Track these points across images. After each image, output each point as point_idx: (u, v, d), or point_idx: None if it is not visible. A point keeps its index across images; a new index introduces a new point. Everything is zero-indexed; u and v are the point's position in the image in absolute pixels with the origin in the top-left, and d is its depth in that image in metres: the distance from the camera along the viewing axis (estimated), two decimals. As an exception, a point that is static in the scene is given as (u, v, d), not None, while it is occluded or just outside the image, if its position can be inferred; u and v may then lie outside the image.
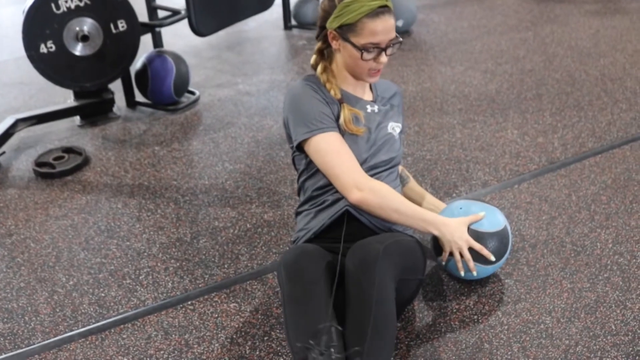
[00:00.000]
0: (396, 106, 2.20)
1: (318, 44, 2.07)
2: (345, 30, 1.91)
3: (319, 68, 2.06)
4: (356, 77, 2.04)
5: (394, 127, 2.13)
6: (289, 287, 1.77)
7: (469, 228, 2.03)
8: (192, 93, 3.83)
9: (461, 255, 2.01)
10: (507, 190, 2.77)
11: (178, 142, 3.35)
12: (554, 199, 2.69)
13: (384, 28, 1.88)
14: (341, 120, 1.97)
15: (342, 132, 1.98)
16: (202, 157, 3.19)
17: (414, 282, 1.97)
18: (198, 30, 3.75)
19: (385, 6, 1.87)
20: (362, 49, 1.90)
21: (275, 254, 2.45)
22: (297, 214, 2.17)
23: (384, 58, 1.94)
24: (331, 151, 1.93)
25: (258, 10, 4.27)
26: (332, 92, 2.00)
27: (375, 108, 2.09)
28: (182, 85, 3.69)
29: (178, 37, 4.34)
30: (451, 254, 2.03)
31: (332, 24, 1.93)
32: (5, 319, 2.21)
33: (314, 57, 2.10)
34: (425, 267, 2.04)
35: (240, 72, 4.25)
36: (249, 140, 3.32)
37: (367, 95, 2.13)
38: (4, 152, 3.26)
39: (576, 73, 3.91)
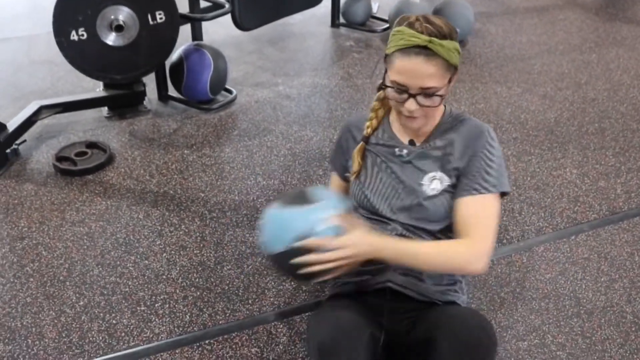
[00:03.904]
0: (453, 157, 1.74)
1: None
2: (387, 60, 1.68)
3: (378, 94, 1.82)
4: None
5: (433, 180, 1.74)
6: None
7: None
8: (229, 91, 3.60)
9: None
10: (562, 241, 2.52)
11: (209, 147, 3.12)
12: (614, 257, 2.44)
13: (412, 70, 1.59)
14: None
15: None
16: (234, 167, 2.97)
17: None
18: (241, 24, 3.55)
19: (426, 48, 1.57)
20: (388, 85, 1.66)
21: (304, 292, 2.24)
22: None
23: (410, 105, 1.62)
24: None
25: (307, 5, 4.04)
26: (366, 125, 1.82)
27: (404, 152, 1.77)
28: (218, 83, 3.45)
29: (218, 25, 4.06)
30: None
31: (386, 51, 1.71)
32: (7, 340, 2.05)
33: (380, 82, 1.85)
34: None
35: (281, 71, 4.00)
36: (286, 152, 3.09)
37: (418, 137, 1.79)
38: (24, 141, 3.06)
39: (643, 107, 3.61)
